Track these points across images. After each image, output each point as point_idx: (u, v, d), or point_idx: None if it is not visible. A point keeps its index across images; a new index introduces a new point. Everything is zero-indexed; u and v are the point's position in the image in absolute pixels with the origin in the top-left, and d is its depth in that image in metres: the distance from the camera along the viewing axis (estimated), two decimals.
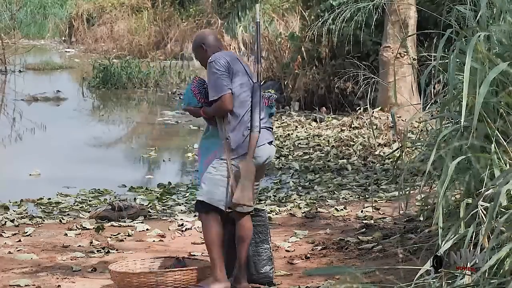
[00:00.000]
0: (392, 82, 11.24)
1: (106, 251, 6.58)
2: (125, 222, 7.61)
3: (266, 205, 8.23)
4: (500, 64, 4.20)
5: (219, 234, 5.32)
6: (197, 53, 5.54)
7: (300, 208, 8.08)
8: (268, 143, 5.37)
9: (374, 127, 12.17)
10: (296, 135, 12.57)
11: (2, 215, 7.89)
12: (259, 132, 5.29)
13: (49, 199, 8.76)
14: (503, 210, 3.98)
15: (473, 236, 4.07)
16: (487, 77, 4.08)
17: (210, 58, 5.36)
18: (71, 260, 6.33)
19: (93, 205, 8.31)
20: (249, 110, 5.32)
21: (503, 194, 3.91)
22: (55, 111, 16.75)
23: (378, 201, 8.21)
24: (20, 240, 6.94)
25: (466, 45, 4.70)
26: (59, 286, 5.67)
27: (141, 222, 7.58)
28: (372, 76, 7.37)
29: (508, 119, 4.46)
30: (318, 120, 13.77)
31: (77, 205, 8.55)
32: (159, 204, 8.55)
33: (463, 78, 4.42)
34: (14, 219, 7.70)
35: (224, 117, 5.32)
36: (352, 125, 12.61)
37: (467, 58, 4.15)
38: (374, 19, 8.47)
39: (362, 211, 7.79)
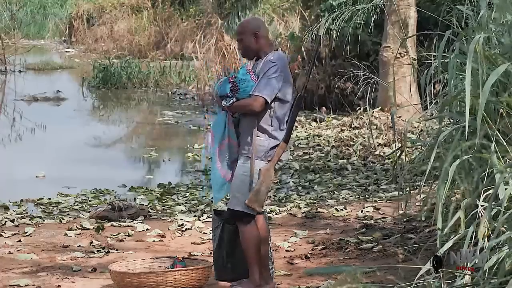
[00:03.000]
0: (392, 82, 11.23)
1: (106, 251, 6.58)
2: (125, 222, 7.61)
3: (266, 205, 8.23)
4: (500, 67, 4.20)
5: (258, 238, 5.29)
6: (246, 39, 5.29)
7: (300, 208, 8.09)
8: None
9: (374, 127, 12.17)
10: (296, 135, 12.57)
11: (2, 215, 7.89)
12: (287, 143, 5.28)
13: (49, 199, 8.76)
14: (503, 210, 3.98)
15: (473, 236, 4.07)
16: (488, 81, 4.07)
17: (273, 57, 5.21)
18: (71, 260, 6.33)
19: (93, 205, 8.31)
20: (286, 120, 5.28)
21: (503, 191, 3.91)
22: (55, 111, 16.75)
23: (378, 201, 8.22)
24: (20, 240, 6.94)
25: (466, 45, 4.70)
26: (59, 286, 5.68)
27: (141, 222, 7.58)
28: (372, 76, 7.37)
29: (508, 120, 4.46)
30: (318, 120, 13.77)
31: (77, 205, 8.55)
32: (159, 204, 8.55)
33: (463, 78, 4.42)
34: (14, 219, 7.70)
35: (266, 115, 5.22)
36: (352, 125, 12.60)
37: (468, 60, 4.14)
38: (373, 19, 8.47)
39: (362, 211, 7.80)
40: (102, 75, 19.71)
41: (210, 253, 6.08)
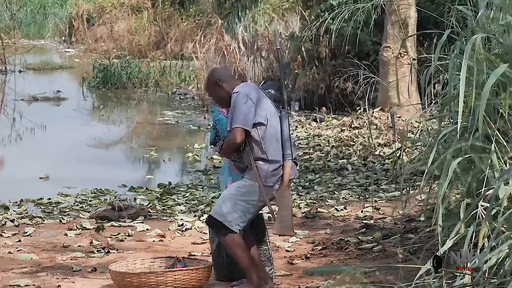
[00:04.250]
0: (392, 82, 11.22)
1: (106, 251, 6.58)
2: (125, 222, 7.61)
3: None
4: (500, 67, 4.20)
5: (241, 243, 5.27)
6: (213, 91, 5.40)
7: (300, 208, 8.09)
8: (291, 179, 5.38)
9: (374, 127, 12.17)
10: (296, 135, 12.57)
11: (2, 215, 7.89)
12: (292, 160, 5.28)
13: (49, 199, 8.76)
14: (503, 210, 3.98)
15: (473, 236, 4.07)
16: (488, 81, 4.07)
17: (234, 90, 5.27)
18: (71, 260, 6.33)
19: (93, 205, 8.31)
20: (279, 139, 5.29)
21: (503, 191, 3.91)
22: (55, 111, 16.75)
23: (378, 201, 8.22)
24: (20, 240, 6.95)
25: (466, 45, 4.70)
26: (59, 286, 5.68)
27: (141, 222, 7.58)
28: (372, 76, 7.38)
29: (508, 120, 4.46)
30: (318, 120, 13.77)
31: (77, 205, 8.55)
32: (159, 204, 8.55)
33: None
34: (14, 219, 7.70)
35: (254, 145, 5.25)
36: (352, 125, 12.60)
37: (464, 60, 4.14)
38: (373, 19, 8.47)
39: (362, 211, 7.80)
40: (102, 75, 19.70)
41: (210, 253, 6.08)
